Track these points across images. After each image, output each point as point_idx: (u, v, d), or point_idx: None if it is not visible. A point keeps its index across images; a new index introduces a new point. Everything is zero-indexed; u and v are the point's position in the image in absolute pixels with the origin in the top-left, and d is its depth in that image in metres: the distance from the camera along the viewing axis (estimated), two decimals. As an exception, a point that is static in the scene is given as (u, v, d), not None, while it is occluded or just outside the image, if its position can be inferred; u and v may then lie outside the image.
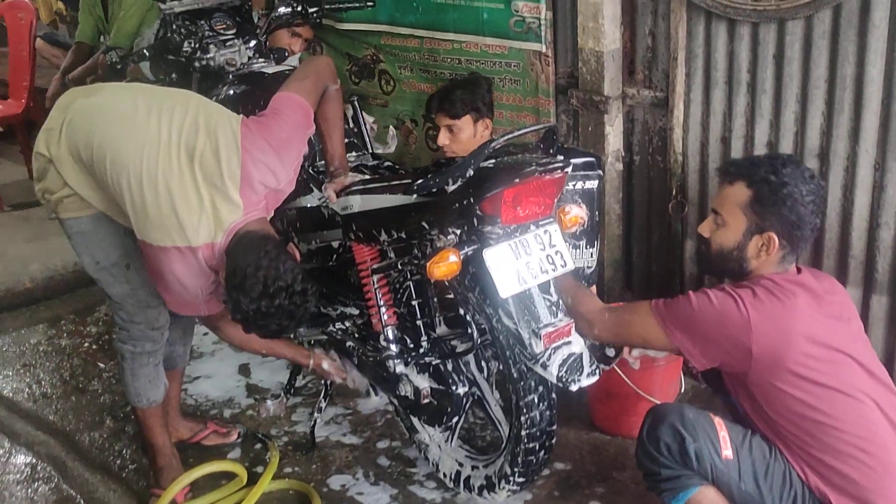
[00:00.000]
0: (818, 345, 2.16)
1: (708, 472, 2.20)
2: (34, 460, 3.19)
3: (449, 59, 3.80)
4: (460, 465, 2.76)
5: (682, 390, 3.08)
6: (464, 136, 3.23)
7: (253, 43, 3.35)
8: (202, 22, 3.30)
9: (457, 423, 2.77)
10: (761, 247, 2.27)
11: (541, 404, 2.38)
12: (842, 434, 2.14)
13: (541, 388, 2.38)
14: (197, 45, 3.21)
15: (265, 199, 2.40)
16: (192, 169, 2.32)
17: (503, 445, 2.57)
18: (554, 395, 2.43)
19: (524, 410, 2.38)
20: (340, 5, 3.71)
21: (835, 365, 2.17)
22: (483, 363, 2.69)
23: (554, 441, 2.49)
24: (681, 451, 2.20)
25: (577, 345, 2.30)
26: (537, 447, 2.43)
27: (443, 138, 3.27)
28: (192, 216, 2.30)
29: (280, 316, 2.24)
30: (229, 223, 2.31)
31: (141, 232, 2.37)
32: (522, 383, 2.36)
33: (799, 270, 2.34)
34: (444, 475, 2.81)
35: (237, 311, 2.26)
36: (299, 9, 3.44)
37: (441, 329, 2.64)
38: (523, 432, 2.40)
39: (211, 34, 3.29)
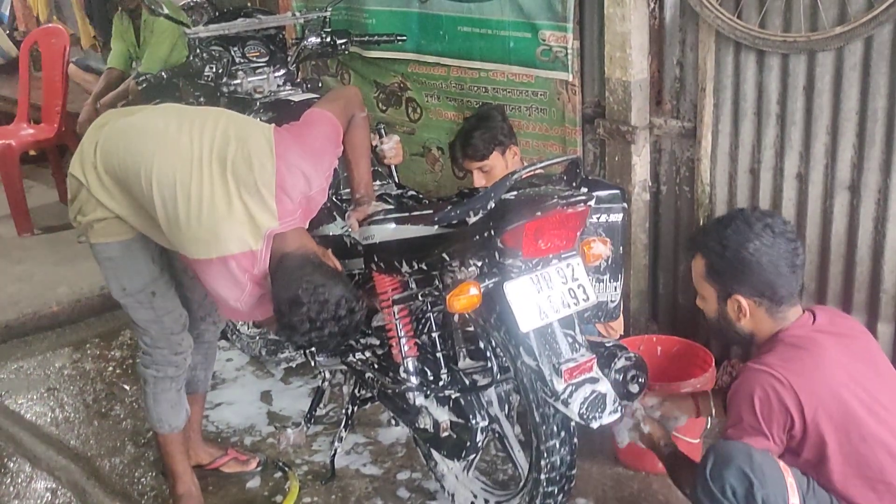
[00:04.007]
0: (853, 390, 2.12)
1: None
2: (55, 485, 3.19)
3: (475, 88, 3.80)
4: (475, 496, 2.72)
5: (709, 426, 3.01)
6: (497, 171, 3.20)
7: (282, 71, 3.36)
8: (235, 48, 3.32)
9: (475, 456, 2.73)
10: (736, 310, 2.26)
11: (562, 449, 2.34)
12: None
13: (563, 434, 2.33)
14: (221, 71, 3.23)
15: (300, 206, 2.38)
16: (225, 178, 2.31)
17: (521, 485, 2.53)
18: (576, 440, 2.39)
19: (545, 455, 2.33)
20: (371, 38, 3.72)
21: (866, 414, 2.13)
22: (504, 397, 2.65)
23: (573, 484, 2.45)
24: (747, 496, 2.10)
25: (600, 382, 2.26)
26: (556, 491, 2.39)
27: (478, 180, 3.24)
28: (224, 225, 2.28)
29: (334, 338, 2.27)
30: (266, 229, 2.30)
31: (177, 245, 2.38)
32: (545, 427, 2.32)
33: (814, 315, 2.28)
34: None
35: (293, 343, 2.31)
36: (328, 40, 3.45)
37: (462, 362, 2.61)
38: (543, 476, 2.36)
39: (243, 61, 3.31)
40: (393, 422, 3.32)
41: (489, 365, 2.52)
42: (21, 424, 3.58)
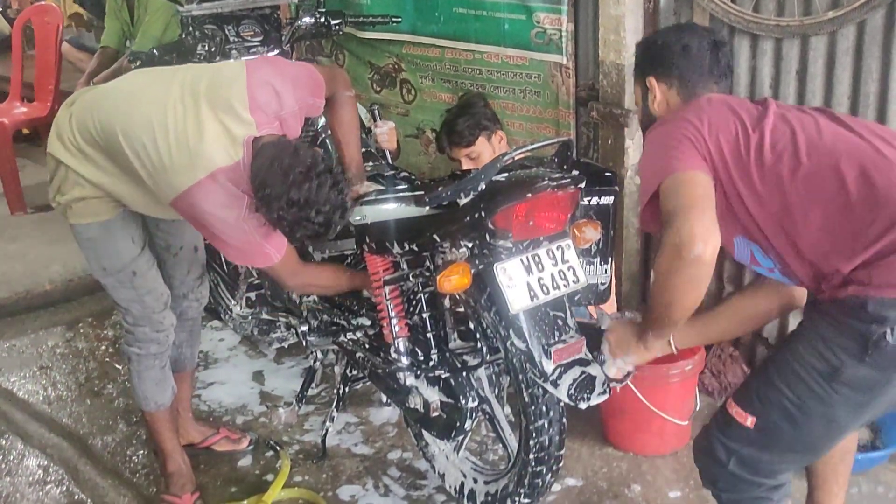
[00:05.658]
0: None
1: (764, 469, 2.10)
2: (46, 463, 3.20)
3: (470, 70, 3.80)
4: (465, 476, 2.74)
5: (698, 408, 3.04)
6: (484, 156, 3.24)
7: (276, 51, 3.34)
8: (229, 27, 3.30)
9: (464, 437, 2.75)
10: (652, 99, 2.28)
11: (551, 429, 2.35)
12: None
13: (552, 413, 2.34)
14: (214, 49, 3.21)
15: (276, 120, 2.37)
16: (199, 106, 2.32)
17: (510, 464, 2.55)
18: (565, 420, 2.40)
19: (534, 435, 2.34)
20: (365, 19, 3.70)
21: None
22: (494, 378, 2.66)
23: (561, 464, 2.46)
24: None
25: (589, 363, 2.27)
26: (544, 470, 2.40)
27: (467, 166, 3.28)
28: (202, 145, 2.28)
29: (318, 206, 2.18)
30: (243, 137, 2.29)
31: (167, 189, 2.33)
32: (534, 408, 2.32)
33: None
34: (450, 486, 2.80)
35: (271, 214, 2.21)
36: (322, 20, 3.44)
37: (453, 342, 2.62)
38: (531, 456, 2.37)
39: (236, 40, 3.30)
40: (384, 402, 3.34)
41: (479, 346, 2.52)
42: (13, 402, 3.59)
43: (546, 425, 2.34)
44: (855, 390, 1.93)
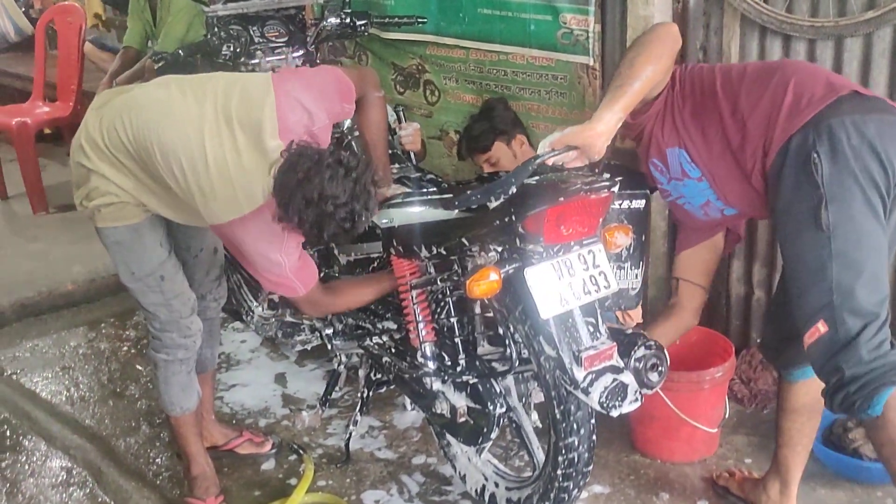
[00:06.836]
0: None
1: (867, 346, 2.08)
2: (70, 464, 3.20)
3: (495, 71, 3.76)
4: (486, 479, 2.71)
5: (727, 415, 3.00)
6: (504, 161, 3.21)
7: (301, 52, 3.32)
8: (254, 28, 3.29)
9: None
10: None
11: (581, 446, 2.31)
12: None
13: (583, 431, 2.30)
14: (239, 50, 3.20)
15: (308, 137, 2.33)
16: (233, 133, 2.30)
17: (536, 475, 2.51)
18: (594, 437, 2.36)
19: (563, 451, 2.30)
20: (391, 20, 3.68)
21: None
22: (522, 384, 2.62)
23: (588, 479, 2.42)
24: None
25: (621, 370, 2.23)
26: (571, 486, 2.36)
27: (488, 171, 3.26)
28: (246, 177, 2.28)
29: (334, 200, 2.13)
30: (275, 168, 2.26)
31: (209, 214, 2.35)
32: (565, 425, 2.28)
33: None
34: (470, 488, 2.78)
35: (292, 219, 2.16)
36: (348, 21, 3.42)
37: (481, 348, 2.58)
38: (559, 471, 2.33)
39: (261, 40, 3.28)
40: (408, 406, 3.31)
41: (508, 352, 2.49)
42: (36, 403, 3.60)
43: (576, 442, 2.30)
44: (841, 227, 2.11)
